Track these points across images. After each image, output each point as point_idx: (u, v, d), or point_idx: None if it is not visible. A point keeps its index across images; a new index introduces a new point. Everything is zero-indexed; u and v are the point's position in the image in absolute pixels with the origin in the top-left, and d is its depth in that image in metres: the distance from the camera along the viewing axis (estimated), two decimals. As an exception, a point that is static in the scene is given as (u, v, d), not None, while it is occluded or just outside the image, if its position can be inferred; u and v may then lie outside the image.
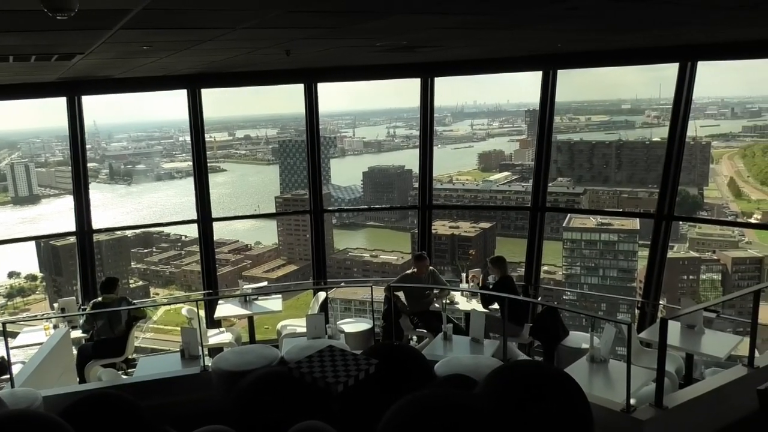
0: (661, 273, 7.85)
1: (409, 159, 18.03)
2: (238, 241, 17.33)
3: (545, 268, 17.79)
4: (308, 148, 9.15)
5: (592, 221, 17.19)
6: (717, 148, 18.16)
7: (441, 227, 18.00)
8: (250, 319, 8.29)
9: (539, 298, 15.79)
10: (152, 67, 7.38)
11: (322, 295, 8.41)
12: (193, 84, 8.78)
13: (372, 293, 7.28)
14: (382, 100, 21.39)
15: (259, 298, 8.37)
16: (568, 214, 17.83)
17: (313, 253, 9.34)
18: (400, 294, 7.92)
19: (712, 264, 16.53)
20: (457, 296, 8.20)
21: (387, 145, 20.04)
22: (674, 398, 4.82)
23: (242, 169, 19.15)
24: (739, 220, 17.13)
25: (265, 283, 10.89)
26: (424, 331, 7.82)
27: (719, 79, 20.06)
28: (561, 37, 6.48)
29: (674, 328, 6.57)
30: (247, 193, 18.30)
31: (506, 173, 19.00)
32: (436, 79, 9.29)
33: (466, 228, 17.73)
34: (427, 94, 9.10)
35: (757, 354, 5.49)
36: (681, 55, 7.59)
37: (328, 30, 5.22)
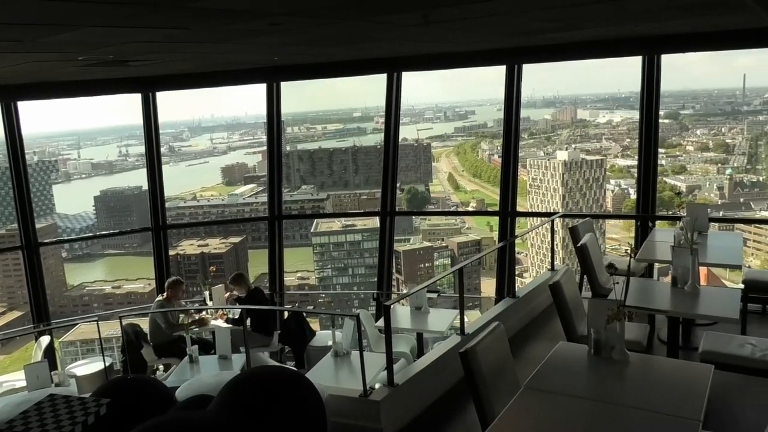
0: (390, 264, 8.65)
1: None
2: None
3: (299, 274, 18.25)
4: (12, 176, 8.03)
5: (337, 224, 18.09)
6: (436, 148, 20.53)
7: (189, 246, 17.32)
8: (-51, 384, 6.96)
9: (297, 305, 16.09)
10: None
11: (45, 339, 7.43)
12: None
13: (99, 328, 6.66)
14: (109, 117, 19.75)
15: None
16: (315, 220, 18.51)
17: (30, 295, 8.21)
18: (143, 326, 7.44)
19: (442, 250, 18.64)
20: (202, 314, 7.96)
21: (120, 165, 18.58)
22: (404, 375, 5.33)
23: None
24: (459, 209, 19.63)
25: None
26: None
27: (433, 87, 22.73)
28: (276, 50, 6.71)
29: (405, 311, 7.27)
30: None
31: (252, 185, 19.02)
32: (163, 93, 8.94)
33: (216, 244, 17.32)
34: (149, 110, 8.66)
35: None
36: (387, 66, 8.42)
37: (12, 43, 4.66)
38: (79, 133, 18.98)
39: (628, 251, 4.17)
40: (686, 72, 17.98)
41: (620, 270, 4.15)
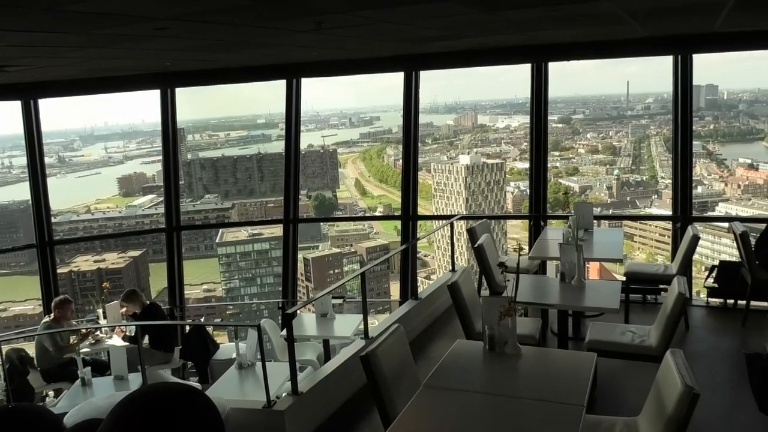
0: (295, 272, 8.58)
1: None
2: None
3: (205, 286, 17.66)
4: None
5: (244, 233, 17.67)
6: (342, 154, 20.55)
7: (84, 263, 16.35)
8: None
9: (202, 318, 15.53)
10: None
11: None
12: None
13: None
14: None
15: None
16: (220, 230, 18.02)
17: None
18: (30, 350, 6.93)
19: (351, 256, 18.66)
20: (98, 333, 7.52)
21: (3, 178, 17.24)
22: (309, 382, 5.29)
23: None
24: (367, 215, 19.76)
25: None
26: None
27: (337, 93, 22.78)
28: (168, 55, 6.49)
29: (311, 319, 7.23)
30: None
31: (151, 196, 18.21)
32: (48, 100, 8.41)
33: (114, 259, 16.44)
34: (31, 118, 8.11)
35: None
36: (285, 72, 8.36)
37: None
38: (-49, 145, 17.45)
39: (516, 249, 4.38)
40: (577, 79, 19.16)
41: (511, 268, 4.35)
